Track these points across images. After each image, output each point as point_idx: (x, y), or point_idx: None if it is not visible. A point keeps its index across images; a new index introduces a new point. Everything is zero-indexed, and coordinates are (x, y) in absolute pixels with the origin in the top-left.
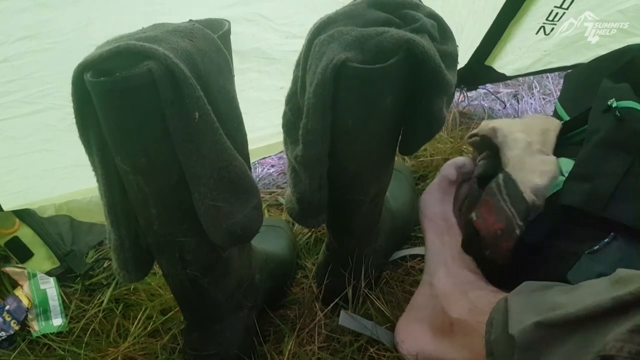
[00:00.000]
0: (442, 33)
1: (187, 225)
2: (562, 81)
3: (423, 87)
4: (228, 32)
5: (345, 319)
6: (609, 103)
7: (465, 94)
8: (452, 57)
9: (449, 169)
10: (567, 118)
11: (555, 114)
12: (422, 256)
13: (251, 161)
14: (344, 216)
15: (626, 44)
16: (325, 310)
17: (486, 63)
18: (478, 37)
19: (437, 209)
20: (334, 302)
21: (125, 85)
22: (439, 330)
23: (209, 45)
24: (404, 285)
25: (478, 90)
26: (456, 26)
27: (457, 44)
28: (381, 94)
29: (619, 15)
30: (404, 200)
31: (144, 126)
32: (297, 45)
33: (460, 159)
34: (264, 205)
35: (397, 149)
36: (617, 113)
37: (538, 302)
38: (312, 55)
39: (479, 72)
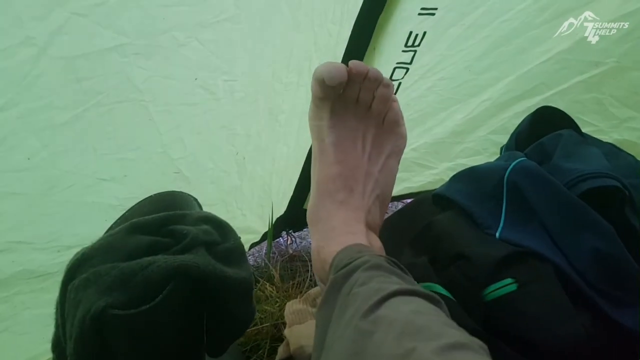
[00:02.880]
0: (220, 230)
1: None
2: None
3: (216, 295)
4: None
5: None
6: None
7: (292, 236)
8: (237, 250)
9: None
10: None
11: None
12: None
13: None
14: None
15: None
16: None
17: (304, 207)
18: (289, 189)
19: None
20: None
21: None
22: None
23: None
24: None
25: (304, 229)
26: (265, 187)
27: (271, 200)
28: (158, 330)
29: None
30: None
31: None
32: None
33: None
34: None
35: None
36: None
37: None
38: (67, 302)
39: (300, 215)
